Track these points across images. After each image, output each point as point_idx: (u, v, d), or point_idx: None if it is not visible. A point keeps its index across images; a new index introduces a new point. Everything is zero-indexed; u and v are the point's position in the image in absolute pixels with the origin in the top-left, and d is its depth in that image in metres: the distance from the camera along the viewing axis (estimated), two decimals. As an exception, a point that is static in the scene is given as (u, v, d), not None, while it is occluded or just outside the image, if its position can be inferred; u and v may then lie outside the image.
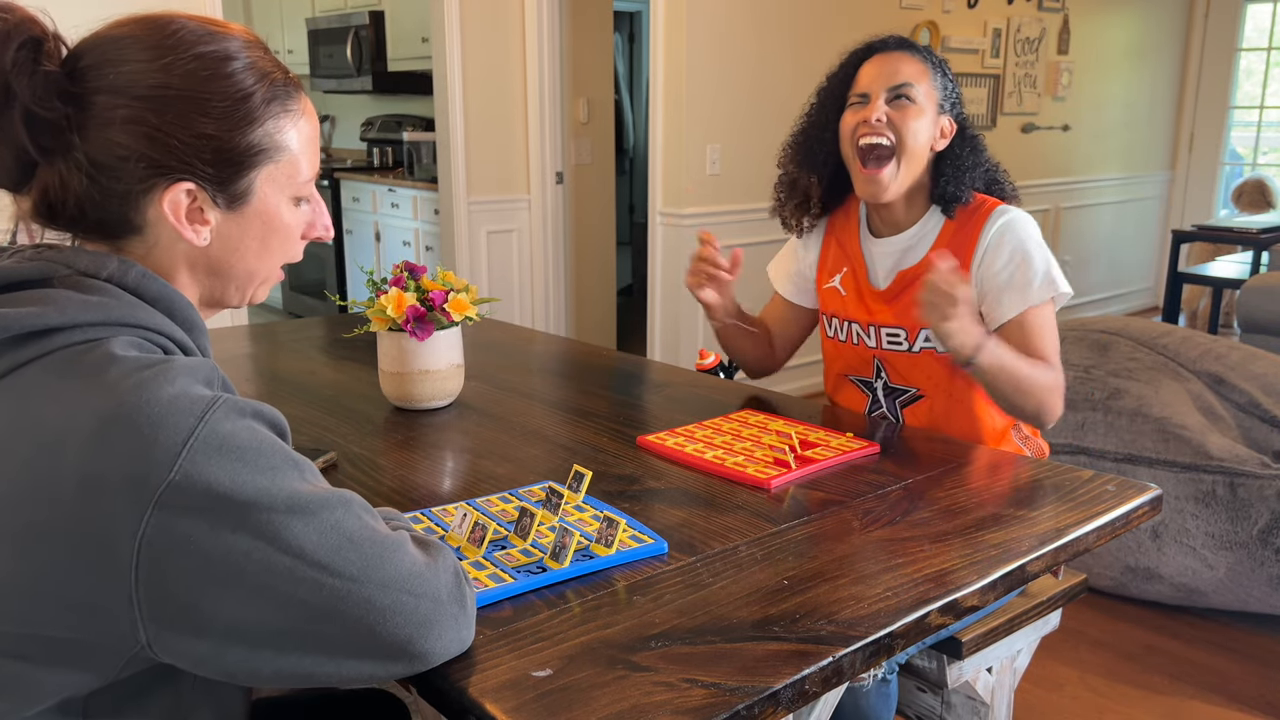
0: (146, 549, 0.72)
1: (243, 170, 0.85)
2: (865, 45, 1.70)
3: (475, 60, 4.17)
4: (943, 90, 1.63)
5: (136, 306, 0.81)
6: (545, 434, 1.55)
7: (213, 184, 0.84)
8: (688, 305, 4.18)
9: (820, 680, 0.91)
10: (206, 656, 0.76)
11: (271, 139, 0.86)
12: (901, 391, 1.69)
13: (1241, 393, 2.63)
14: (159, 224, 0.84)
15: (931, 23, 4.84)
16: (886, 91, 1.60)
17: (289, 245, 0.92)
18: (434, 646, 0.82)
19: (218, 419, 0.75)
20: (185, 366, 0.78)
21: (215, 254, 0.88)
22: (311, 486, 0.79)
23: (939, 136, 1.63)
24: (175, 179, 0.82)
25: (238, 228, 0.87)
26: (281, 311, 6.37)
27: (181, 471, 0.72)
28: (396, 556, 0.81)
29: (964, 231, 1.62)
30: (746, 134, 4.20)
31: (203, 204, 0.84)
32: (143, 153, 0.80)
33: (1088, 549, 1.23)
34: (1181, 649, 2.49)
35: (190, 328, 0.87)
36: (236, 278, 0.90)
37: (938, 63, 1.65)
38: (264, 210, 0.88)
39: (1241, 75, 6.60)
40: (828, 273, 1.78)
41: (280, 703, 1.26)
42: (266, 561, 0.74)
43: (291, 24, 6.55)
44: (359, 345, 2.12)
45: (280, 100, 0.87)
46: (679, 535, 1.17)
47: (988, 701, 1.52)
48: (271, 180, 0.87)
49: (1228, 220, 5.41)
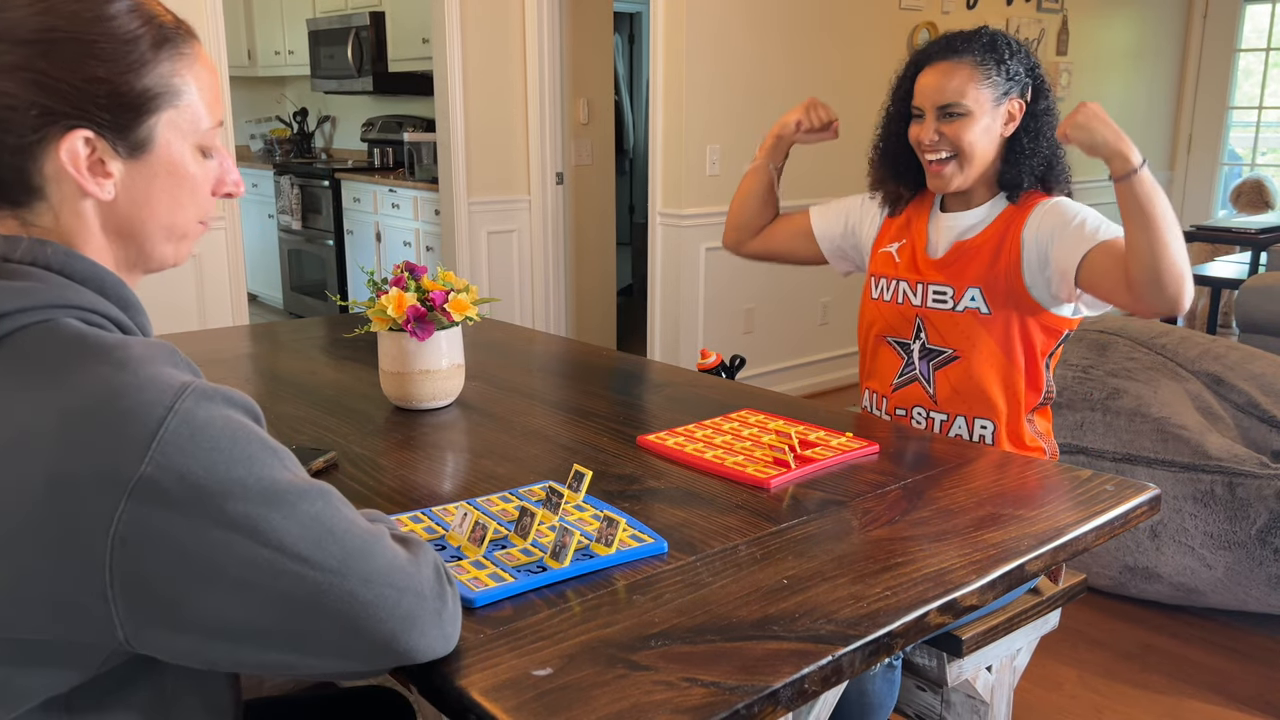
0: (120, 546, 0.70)
1: (141, 115, 0.81)
2: (917, 54, 1.73)
3: (475, 61, 4.18)
4: (1003, 79, 1.64)
5: (66, 287, 0.78)
6: (545, 434, 1.55)
7: (111, 130, 0.80)
8: (688, 305, 4.18)
9: (820, 679, 0.91)
10: (188, 651, 0.75)
11: (167, 83, 0.82)
12: (938, 353, 1.71)
13: (1240, 393, 2.63)
14: (60, 181, 0.80)
15: (931, 23, 4.85)
16: (936, 110, 1.66)
17: (199, 199, 0.87)
18: (418, 643, 0.81)
19: (188, 407, 0.72)
20: (145, 351, 0.75)
21: (124, 210, 0.83)
22: (291, 475, 0.77)
23: (1006, 123, 1.66)
24: (70, 125, 0.78)
25: (143, 179, 0.83)
26: (282, 311, 6.38)
27: (153, 463, 0.70)
28: (378, 550, 0.79)
29: (1016, 218, 1.67)
30: (746, 134, 4.20)
31: (102, 154, 0.80)
32: (33, 100, 0.76)
33: (1086, 548, 1.23)
34: (1180, 649, 2.49)
35: (126, 306, 0.83)
36: (152, 235, 0.86)
37: (992, 51, 1.65)
38: (169, 159, 0.84)
39: (1240, 75, 6.61)
40: (888, 239, 1.82)
41: (280, 702, 1.26)
42: (246, 555, 0.72)
43: (292, 25, 6.56)
44: (359, 345, 2.13)
45: (172, 44, 0.83)
46: (679, 535, 1.17)
47: (987, 700, 1.52)
48: (173, 126, 0.83)
49: (1226, 220, 5.41)
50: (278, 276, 6.33)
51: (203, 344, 2.17)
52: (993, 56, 1.64)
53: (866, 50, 4.59)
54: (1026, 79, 1.67)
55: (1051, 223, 1.62)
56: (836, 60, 4.48)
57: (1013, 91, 1.66)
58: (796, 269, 4.29)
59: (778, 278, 4.41)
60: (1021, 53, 1.68)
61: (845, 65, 4.52)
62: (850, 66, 4.54)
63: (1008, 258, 1.65)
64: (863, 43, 4.57)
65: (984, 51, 1.65)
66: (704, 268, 4.18)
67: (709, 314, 4.24)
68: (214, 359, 2.02)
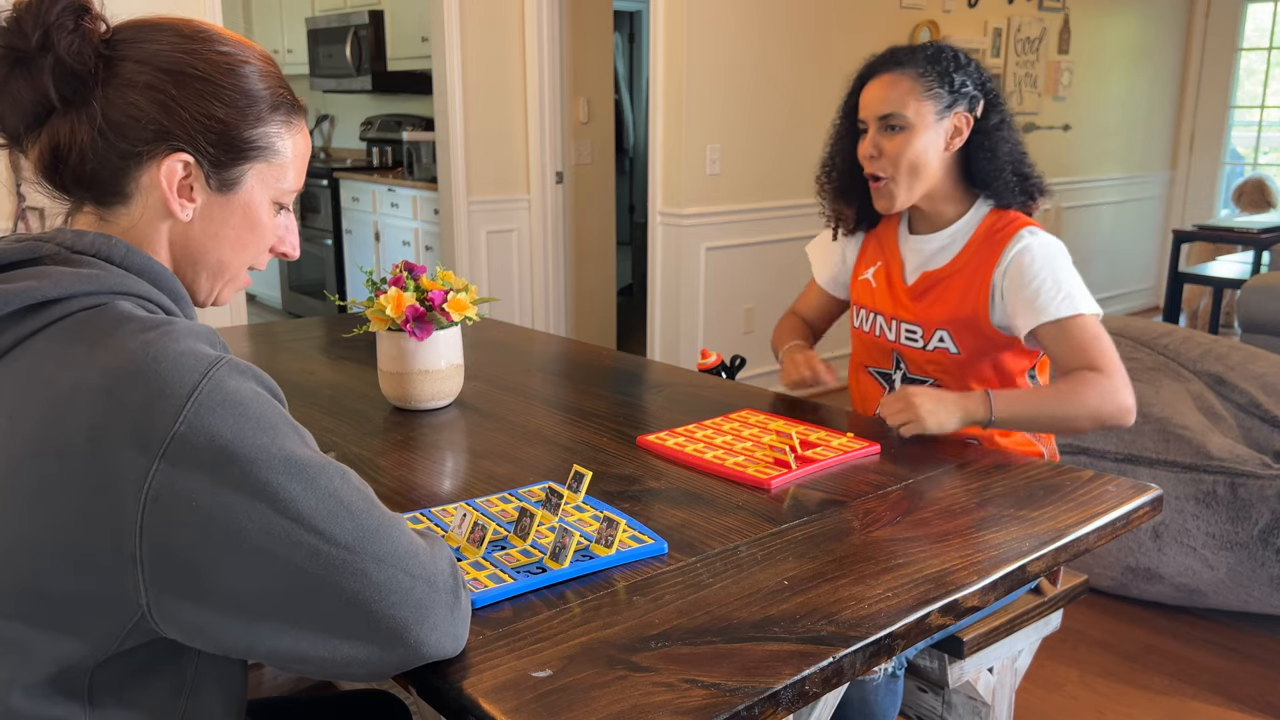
0: (151, 504, 0.74)
1: (240, 159, 0.90)
2: (862, 69, 1.71)
3: (475, 60, 4.17)
4: (946, 92, 1.60)
5: (126, 277, 0.85)
6: (545, 434, 1.54)
7: (210, 163, 0.89)
8: (688, 305, 4.18)
9: (820, 681, 0.90)
10: (203, 626, 0.77)
11: (270, 140, 0.92)
12: (919, 381, 1.71)
13: (1242, 393, 2.63)
14: (149, 193, 0.88)
15: (932, 22, 4.84)
16: (877, 121, 1.62)
17: (260, 247, 0.96)
18: (428, 636, 0.82)
19: (221, 375, 0.78)
20: (188, 327, 0.81)
21: (194, 235, 0.91)
22: (311, 451, 0.81)
23: (951, 137, 1.61)
24: (176, 148, 0.87)
25: (221, 213, 0.92)
26: (281, 311, 6.37)
27: (187, 423, 0.75)
28: (394, 533, 0.82)
29: (989, 243, 1.63)
30: (746, 134, 4.20)
31: (194, 180, 0.89)
32: (154, 117, 0.85)
33: (1088, 549, 1.23)
34: (1182, 649, 2.48)
35: (177, 298, 0.90)
36: (209, 266, 0.93)
37: (935, 64, 1.61)
38: (248, 203, 0.93)
39: (1242, 75, 6.60)
40: (865, 264, 1.81)
41: (280, 703, 1.26)
42: (265, 523, 0.76)
43: (291, 23, 6.55)
44: (359, 345, 2.12)
45: (284, 111, 0.93)
46: (679, 535, 1.17)
47: (989, 701, 1.52)
48: (261, 178, 0.93)
49: (1228, 220, 5.41)
50: (276, 276, 6.33)
51: (201, 344, 2.16)
52: (936, 69, 1.60)
53: (867, 49, 4.55)
54: (976, 93, 1.62)
55: (1013, 280, 1.57)
56: (837, 60, 4.47)
57: (958, 105, 1.60)
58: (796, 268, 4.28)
59: (778, 278, 4.40)
60: (970, 66, 1.62)
61: (846, 65, 4.50)
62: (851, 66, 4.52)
63: (975, 300, 1.61)
64: (863, 42, 4.57)
65: (927, 64, 1.60)
66: (704, 268, 4.17)
67: (709, 314, 4.24)
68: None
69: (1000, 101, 1.65)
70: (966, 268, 1.63)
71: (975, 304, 1.61)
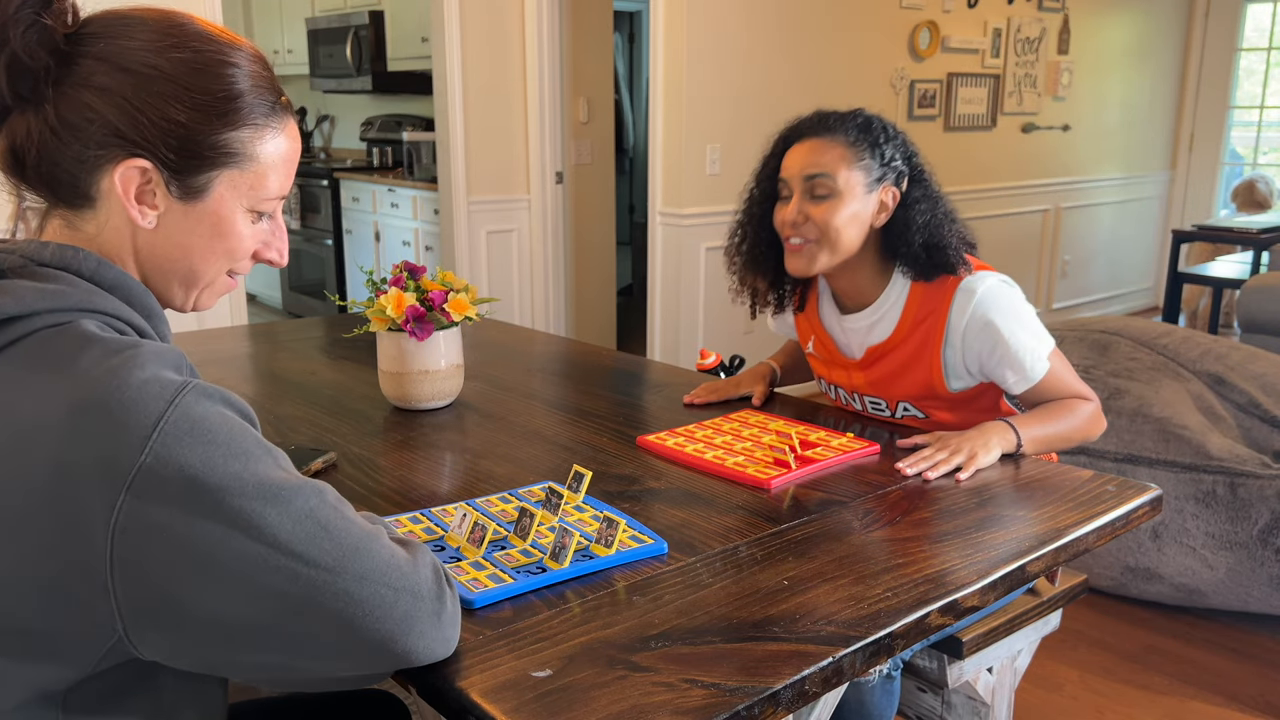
0: (120, 536, 0.71)
1: (204, 166, 0.85)
2: (788, 129, 1.62)
3: (475, 60, 4.17)
4: (876, 164, 1.54)
5: (94, 293, 0.82)
6: (545, 434, 1.54)
7: (169, 170, 0.84)
8: (688, 305, 4.18)
9: (820, 680, 0.90)
10: (184, 649, 0.76)
11: (244, 146, 0.87)
12: None
13: (1242, 393, 2.63)
14: (110, 198, 0.84)
15: (931, 22, 4.84)
16: (804, 183, 1.54)
17: (236, 254, 0.91)
18: (415, 645, 0.81)
19: (188, 403, 0.75)
20: (154, 352, 0.78)
21: (160, 244, 0.87)
22: (284, 473, 0.78)
23: (877, 213, 1.55)
24: (132, 153, 0.82)
25: (186, 221, 0.87)
26: (281, 311, 6.37)
27: (153, 454, 0.72)
28: (373, 549, 0.80)
29: (928, 306, 1.56)
30: (746, 134, 4.19)
31: (155, 187, 0.85)
32: (108, 120, 0.81)
33: (1088, 549, 1.23)
34: (1181, 649, 2.49)
35: (149, 314, 0.87)
36: (179, 275, 0.89)
37: (866, 134, 1.55)
38: (216, 212, 0.88)
39: (1242, 75, 6.60)
40: (804, 338, 1.76)
41: (279, 703, 1.26)
42: (240, 550, 0.73)
43: (291, 24, 6.55)
44: (359, 345, 2.12)
45: (264, 114, 0.88)
46: (679, 535, 1.17)
47: (988, 701, 1.52)
48: (232, 185, 0.88)
49: (1228, 220, 5.41)
50: (276, 276, 6.33)
51: (202, 344, 2.16)
52: (867, 139, 1.53)
53: (867, 50, 4.59)
54: (903, 167, 1.56)
55: (978, 349, 1.52)
56: (837, 60, 4.47)
57: (886, 179, 1.54)
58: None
59: (778, 277, 4.40)
60: (898, 139, 1.57)
61: (846, 65, 4.52)
62: (851, 66, 4.53)
63: (927, 375, 1.57)
64: (863, 42, 4.57)
65: (858, 133, 1.54)
66: (704, 267, 4.17)
67: (709, 314, 4.24)
68: (213, 359, 2.01)
69: (924, 175, 1.58)
70: (909, 341, 1.58)
71: (928, 379, 1.57)
